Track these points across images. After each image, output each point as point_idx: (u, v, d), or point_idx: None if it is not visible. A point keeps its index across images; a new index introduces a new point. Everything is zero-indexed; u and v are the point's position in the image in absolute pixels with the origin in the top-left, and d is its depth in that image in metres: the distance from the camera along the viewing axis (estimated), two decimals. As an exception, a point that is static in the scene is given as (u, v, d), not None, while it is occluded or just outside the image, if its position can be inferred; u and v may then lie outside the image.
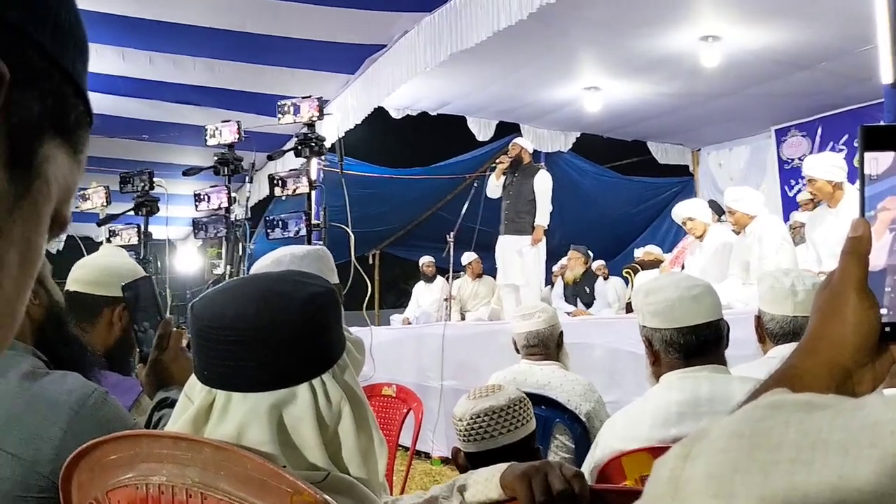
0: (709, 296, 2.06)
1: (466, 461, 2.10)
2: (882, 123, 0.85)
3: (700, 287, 2.07)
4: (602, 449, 2.12)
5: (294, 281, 1.21)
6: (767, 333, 2.60)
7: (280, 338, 1.13)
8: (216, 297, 1.19)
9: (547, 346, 3.40)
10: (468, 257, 9.41)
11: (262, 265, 2.08)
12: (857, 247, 0.74)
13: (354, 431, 1.17)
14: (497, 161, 7.40)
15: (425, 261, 10.34)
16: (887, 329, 0.75)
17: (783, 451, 0.46)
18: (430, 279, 10.25)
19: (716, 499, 0.47)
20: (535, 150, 9.14)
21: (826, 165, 5.16)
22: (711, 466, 0.48)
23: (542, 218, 7.15)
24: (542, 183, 7.16)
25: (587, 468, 2.14)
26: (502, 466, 1.37)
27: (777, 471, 0.45)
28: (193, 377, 1.20)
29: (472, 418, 2.11)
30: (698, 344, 2.01)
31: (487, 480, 1.37)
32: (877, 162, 0.75)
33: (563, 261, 9.33)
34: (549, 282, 9.68)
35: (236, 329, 1.12)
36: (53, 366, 1.66)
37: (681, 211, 6.49)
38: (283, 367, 1.13)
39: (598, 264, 9.56)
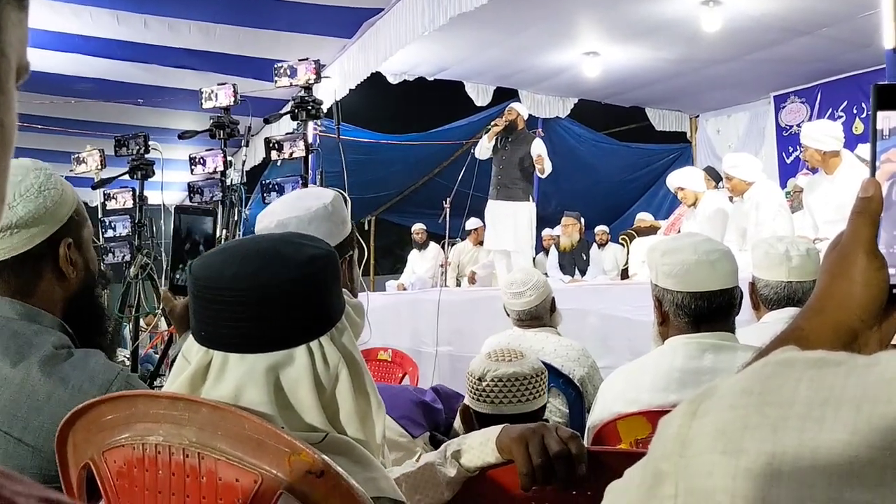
0: (727, 262, 2.02)
1: (475, 420, 2.10)
2: None
3: (718, 252, 2.03)
4: (601, 409, 2.12)
5: (294, 242, 1.20)
6: (761, 299, 2.60)
7: (278, 299, 1.12)
8: (215, 258, 1.18)
9: (540, 317, 3.40)
10: (474, 223, 9.34)
11: (266, 227, 1.94)
12: (867, 207, 0.73)
13: (352, 394, 1.16)
14: (492, 123, 7.34)
15: (416, 228, 10.32)
16: (895, 291, 0.74)
17: (794, 408, 0.45)
18: (421, 246, 10.23)
19: (724, 455, 0.46)
20: (532, 116, 9.11)
21: (818, 134, 5.14)
22: (720, 423, 0.48)
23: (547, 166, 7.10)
24: (539, 148, 7.12)
25: (588, 428, 2.14)
26: (496, 429, 1.37)
27: (787, 427, 0.45)
28: (191, 338, 1.19)
29: (492, 380, 2.09)
30: (710, 310, 1.97)
31: (482, 445, 1.36)
32: (889, 121, 0.73)
33: (555, 230, 9.30)
34: (541, 248, 9.67)
35: (234, 289, 1.12)
36: (79, 337, 1.62)
37: (673, 180, 6.51)
38: (280, 329, 1.13)
39: (599, 230, 9.56)
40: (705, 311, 1.98)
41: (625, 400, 2.04)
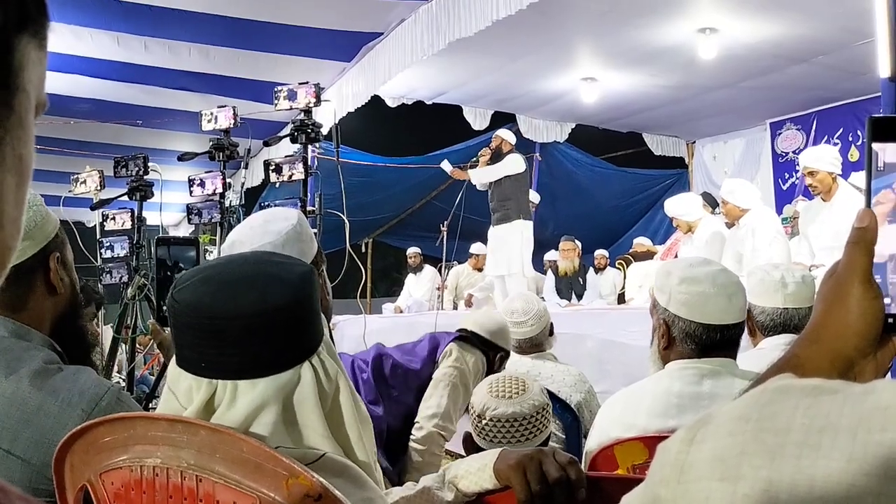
0: (741, 296, 2.02)
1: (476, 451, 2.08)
2: (891, 115, 0.84)
3: (735, 286, 2.03)
4: (598, 434, 2.10)
5: (276, 262, 1.21)
6: (757, 326, 2.59)
7: (285, 320, 1.14)
8: (204, 288, 1.15)
9: (539, 343, 3.40)
10: (478, 248, 9.27)
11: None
12: (863, 237, 0.73)
13: (352, 401, 1.19)
14: (480, 155, 7.39)
15: (410, 252, 10.31)
16: (890, 320, 0.74)
17: (791, 435, 0.46)
18: (415, 270, 10.22)
19: (722, 482, 0.47)
20: (530, 140, 9.15)
21: (829, 157, 5.18)
22: (718, 449, 0.48)
23: (485, 176, 7.10)
24: (509, 161, 7.14)
25: (585, 453, 2.13)
26: (493, 455, 1.35)
27: (784, 454, 0.45)
28: (175, 370, 1.17)
29: (491, 419, 2.06)
30: (720, 341, 1.98)
31: (480, 471, 1.35)
32: (884, 153, 0.74)
33: (555, 253, 9.29)
34: (542, 271, 9.66)
35: (242, 318, 1.11)
36: (67, 358, 1.62)
37: (669, 207, 6.51)
38: (290, 349, 1.15)
39: (598, 254, 9.56)
40: (716, 341, 1.98)
41: (622, 425, 2.03)
